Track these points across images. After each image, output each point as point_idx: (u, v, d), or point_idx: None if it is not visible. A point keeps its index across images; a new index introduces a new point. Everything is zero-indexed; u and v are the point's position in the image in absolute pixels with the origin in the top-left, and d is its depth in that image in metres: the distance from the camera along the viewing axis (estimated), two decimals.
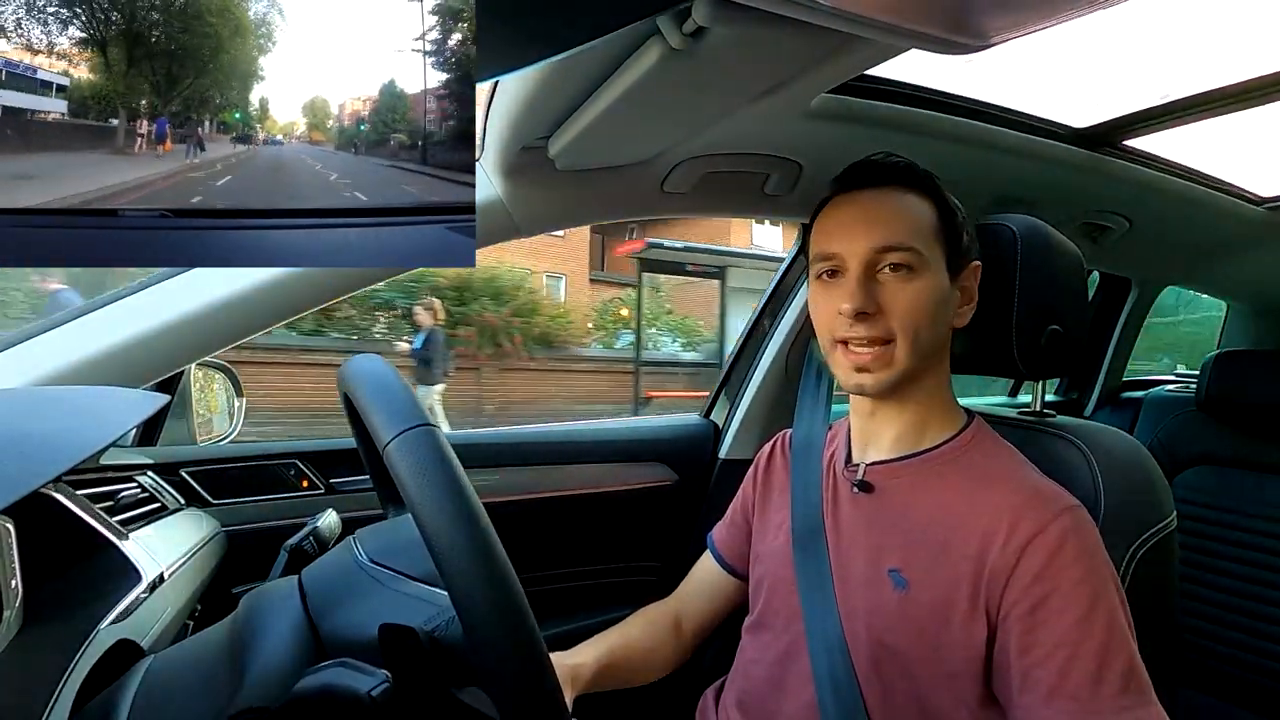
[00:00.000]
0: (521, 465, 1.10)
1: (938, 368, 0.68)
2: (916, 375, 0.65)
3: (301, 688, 0.42)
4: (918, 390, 0.67)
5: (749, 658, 0.75)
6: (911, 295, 0.62)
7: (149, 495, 0.80)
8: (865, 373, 0.64)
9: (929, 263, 0.63)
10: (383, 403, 0.43)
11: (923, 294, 0.62)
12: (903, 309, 0.62)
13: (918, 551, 0.62)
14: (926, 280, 0.62)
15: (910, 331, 0.62)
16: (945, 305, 0.65)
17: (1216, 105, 0.96)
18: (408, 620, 0.46)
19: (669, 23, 0.51)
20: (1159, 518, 0.66)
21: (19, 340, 0.67)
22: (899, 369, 0.63)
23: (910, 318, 0.62)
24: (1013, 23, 0.48)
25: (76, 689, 0.43)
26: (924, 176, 0.67)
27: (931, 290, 0.63)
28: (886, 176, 0.66)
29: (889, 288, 0.62)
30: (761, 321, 1.28)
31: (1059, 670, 0.52)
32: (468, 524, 0.38)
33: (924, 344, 0.63)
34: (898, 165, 0.67)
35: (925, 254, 0.62)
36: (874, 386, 0.64)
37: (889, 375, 0.63)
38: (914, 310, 0.62)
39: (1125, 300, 1.70)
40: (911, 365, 0.63)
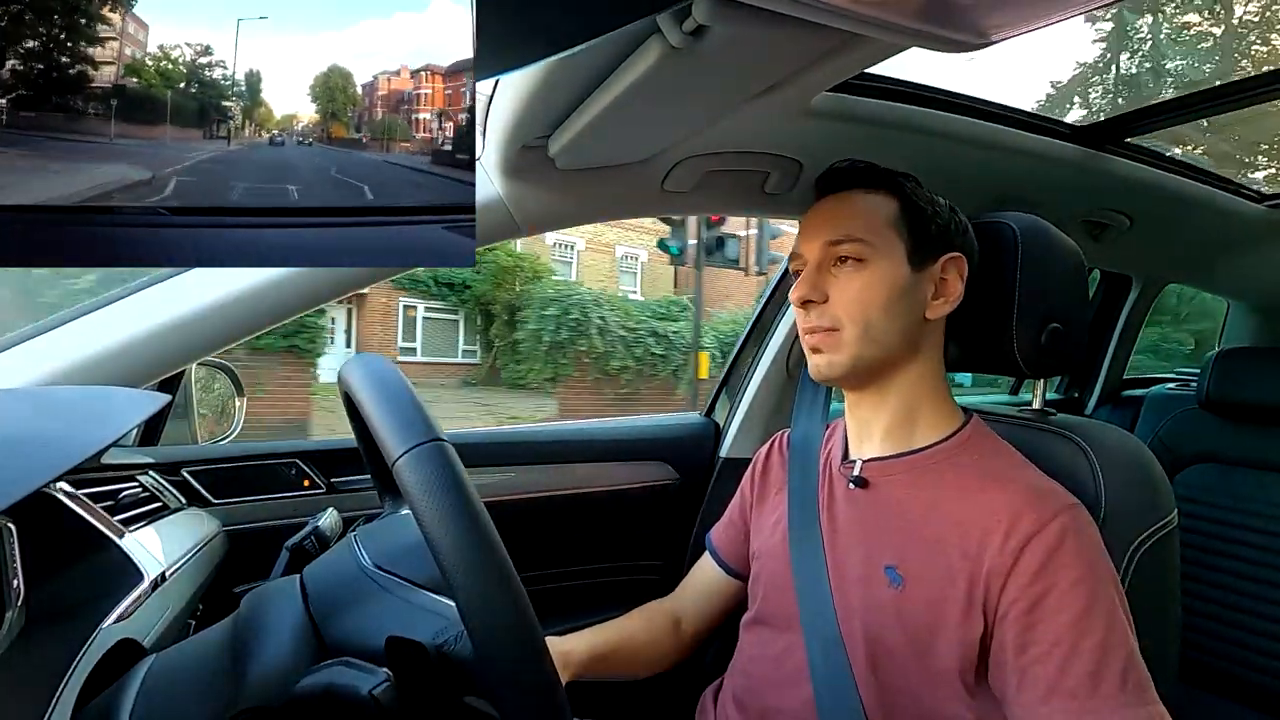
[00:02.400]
0: (522, 464, 1.11)
1: (916, 359, 0.68)
2: (886, 364, 0.67)
3: (303, 687, 0.42)
4: (897, 381, 0.68)
5: (747, 655, 0.75)
6: (859, 284, 0.65)
7: (150, 495, 0.80)
8: (818, 353, 0.67)
9: (881, 254, 0.65)
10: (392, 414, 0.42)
11: (873, 283, 0.65)
12: (849, 297, 0.65)
13: (913, 549, 0.62)
14: (876, 270, 0.65)
15: (858, 319, 0.65)
16: (904, 295, 0.65)
17: (1217, 101, 0.96)
18: (415, 633, 0.46)
19: (669, 21, 0.51)
20: (1160, 516, 0.66)
21: (20, 340, 0.67)
22: (849, 353, 0.65)
23: (857, 305, 0.65)
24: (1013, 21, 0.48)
25: (78, 688, 0.43)
26: (886, 176, 0.69)
27: (882, 279, 0.65)
28: (847, 181, 0.69)
29: (838, 279, 0.66)
30: (762, 321, 1.28)
31: (1057, 668, 0.52)
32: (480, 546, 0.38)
33: (877, 331, 0.65)
34: (858, 169, 0.69)
35: (877, 245, 0.65)
36: (827, 369, 0.67)
37: (840, 358, 0.66)
38: (861, 298, 0.65)
39: (1126, 298, 1.70)
40: (865, 351, 0.65)
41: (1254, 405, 1.33)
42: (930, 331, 0.68)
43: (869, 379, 0.68)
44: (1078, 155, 1.01)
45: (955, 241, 0.68)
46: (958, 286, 0.68)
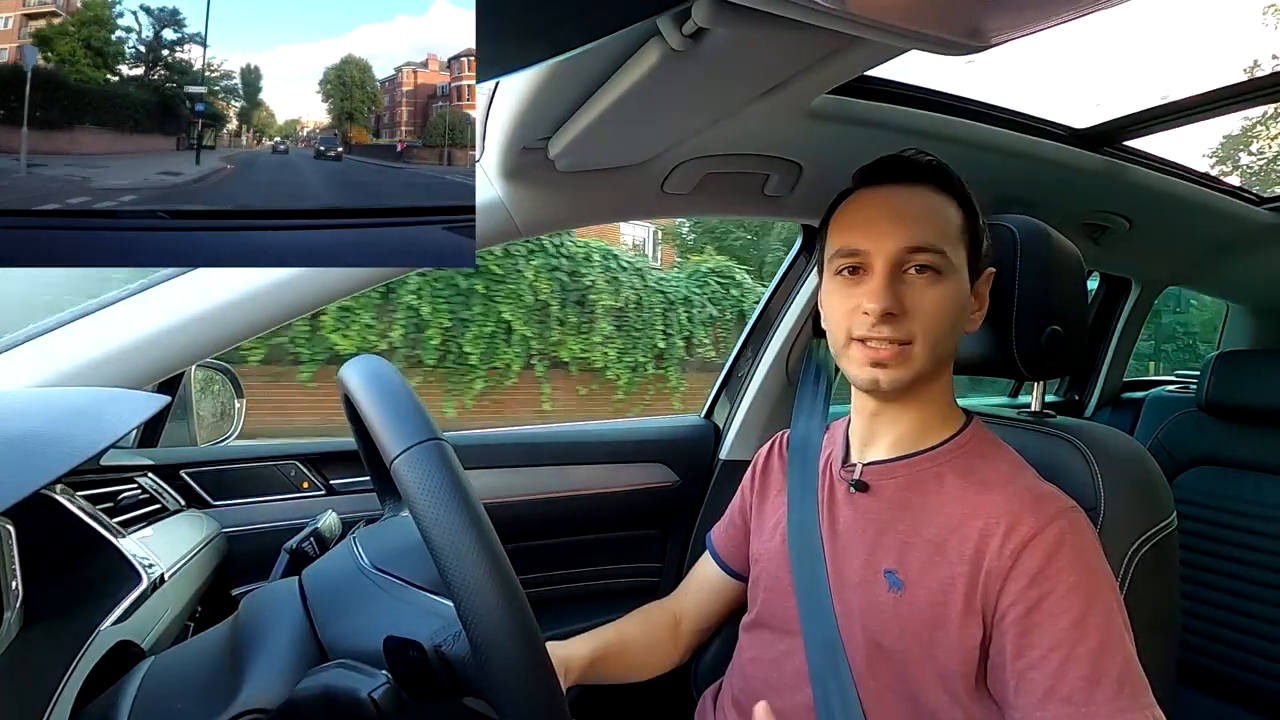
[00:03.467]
0: (522, 465, 1.10)
1: (945, 371, 0.68)
2: (928, 378, 0.65)
3: (302, 689, 0.42)
4: (925, 392, 0.66)
5: (746, 657, 0.75)
6: (936, 298, 0.61)
7: (149, 496, 0.80)
8: (881, 368, 0.62)
9: (954, 266, 0.62)
10: (390, 414, 0.42)
11: (946, 298, 0.61)
12: (927, 312, 0.61)
13: (913, 552, 0.62)
14: (951, 284, 0.62)
15: (931, 335, 0.61)
16: (964, 310, 0.64)
17: (1215, 107, 0.96)
18: (413, 632, 0.46)
19: (669, 24, 0.51)
20: (1159, 518, 0.66)
21: (20, 341, 0.67)
22: (915, 370, 0.62)
23: (933, 321, 0.61)
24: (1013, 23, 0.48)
25: (77, 690, 0.43)
26: (954, 178, 0.66)
27: (955, 295, 0.62)
28: (918, 174, 0.65)
29: (914, 289, 0.61)
30: (761, 322, 1.28)
31: (1054, 673, 0.52)
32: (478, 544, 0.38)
33: (941, 348, 0.63)
34: (930, 164, 0.65)
35: (951, 257, 0.62)
36: (889, 384, 0.62)
37: (905, 374, 0.62)
38: (937, 314, 0.61)
39: (1125, 300, 1.70)
40: (927, 367, 0.62)
41: (1253, 408, 1.33)
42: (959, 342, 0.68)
43: (908, 390, 0.64)
44: (1077, 158, 1.01)
45: (991, 254, 0.68)
46: (987, 300, 0.68)
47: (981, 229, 0.66)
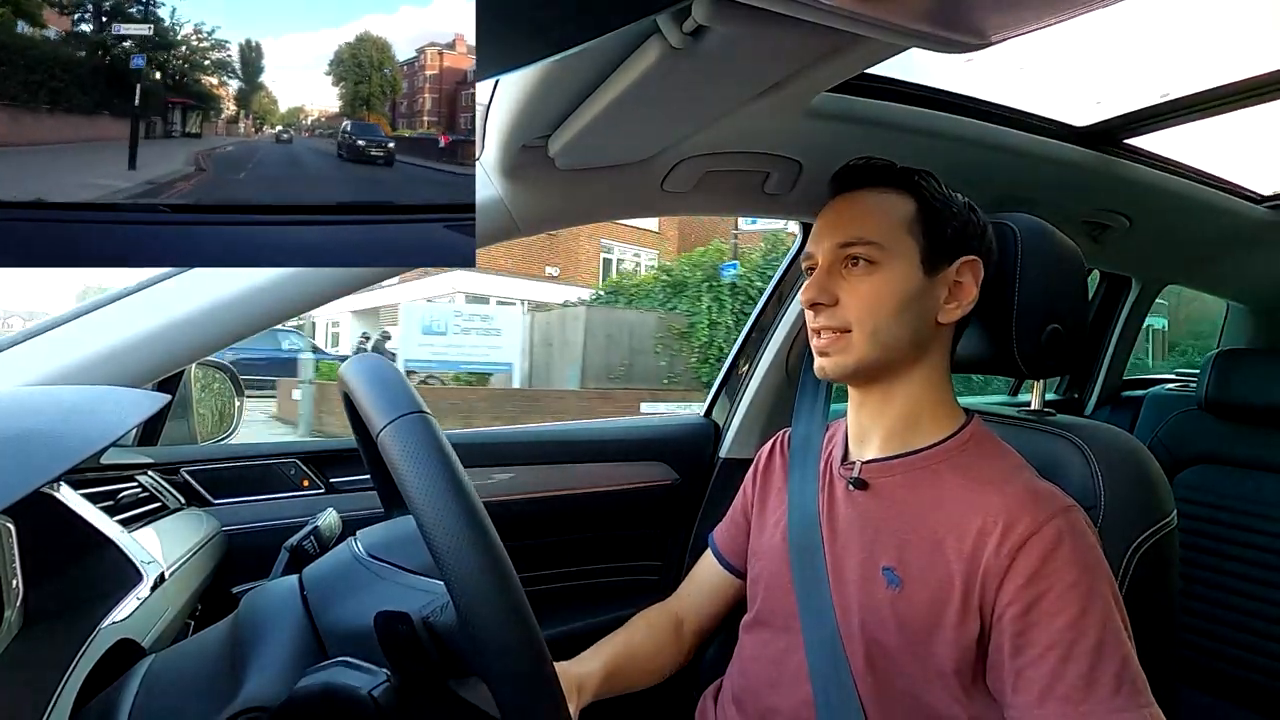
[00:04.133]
0: (522, 464, 1.10)
1: (923, 362, 0.67)
2: (892, 366, 0.66)
3: (302, 687, 0.42)
4: (903, 383, 0.67)
5: (747, 654, 0.75)
6: (869, 287, 0.64)
7: (149, 495, 0.80)
8: (824, 356, 0.67)
9: (894, 256, 0.64)
10: (377, 392, 0.43)
11: (883, 287, 0.64)
12: (859, 300, 0.65)
13: (911, 550, 0.62)
14: (888, 273, 0.64)
15: (867, 322, 0.64)
16: (916, 299, 0.65)
17: (1216, 105, 0.96)
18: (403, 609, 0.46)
19: (669, 21, 0.51)
20: (1159, 516, 0.66)
21: (19, 340, 0.67)
22: (856, 355, 0.65)
23: (867, 308, 0.64)
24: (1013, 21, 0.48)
25: (77, 688, 0.43)
26: (903, 175, 0.67)
27: (893, 283, 0.64)
28: (863, 179, 0.68)
29: (849, 281, 0.65)
30: (761, 321, 1.28)
31: (1052, 671, 0.53)
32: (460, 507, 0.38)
33: (885, 334, 0.64)
34: (874, 167, 0.68)
35: (889, 248, 0.64)
36: (833, 370, 0.67)
37: (846, 360, 0.66)
38: (871, 302, 0.64)
39: (1125, 299, 1.70)
40: (871, 354, 0.65)
41: (1253, 406, 1.33)
42: (940, 334, 0.68)
43: (875, 380, 0.68)
44: (1078, 156, 1.01)
45: (972, 244, 0.67)
46: (972, 290, 0.67)
47: (947, 217, 0.66)
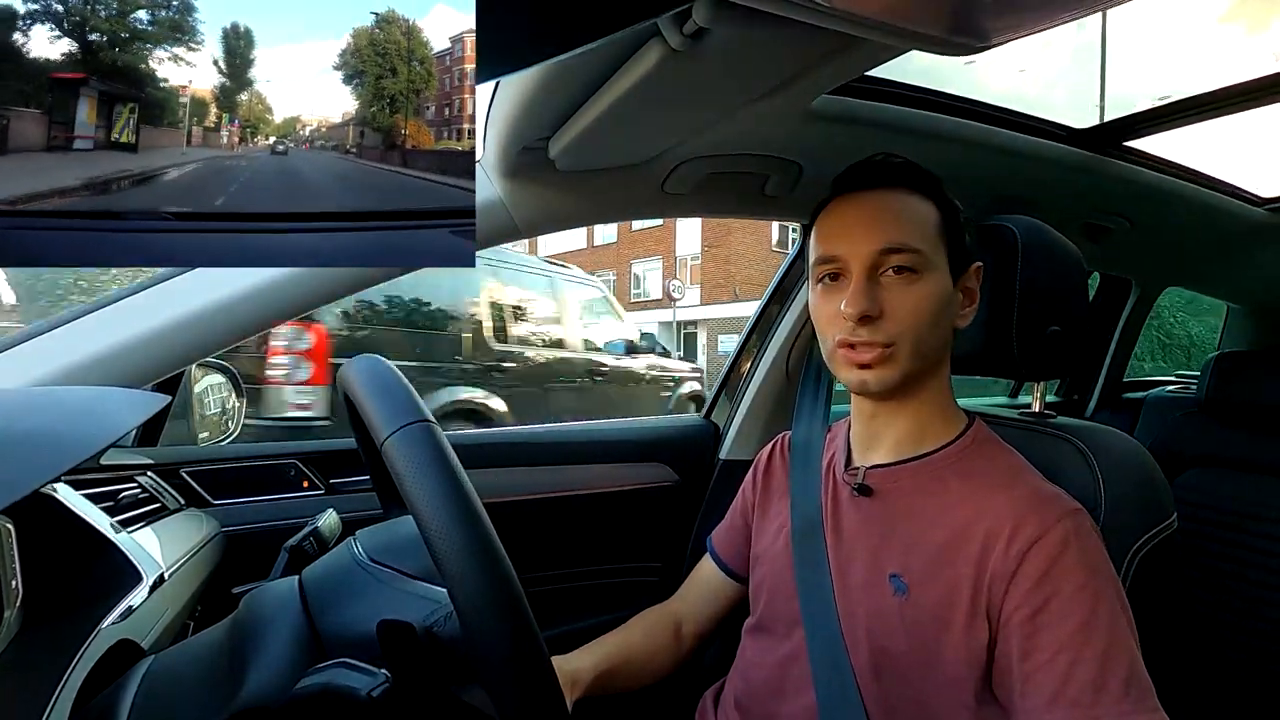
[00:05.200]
0: (522, 465, 1.10)
1: (939, 369, 0.67)
2: (919, 377, 0.65)
3: (302, 688, 0.42)
4: (920, 392, 0.66)
5: (749, 660, 0.75)
6: (915, 298, 0.61)
7: (149, 495, 0.80)
8: (867, 369, 0.63)
9: (932, 264, 0.62)
10: (381, 399, 0.43)
11: (926, 297, 0.61)
12: (906, 312, 0.61)
13: (918, 556, 0.62)
14: (930, 282, 0.62)
15: (913, 335, 0.61)
16: (948, 307, 0.64)
17: (1216, 107, 0.96)
18: (406, 617, 0.46)
19: (669, 24, 0.51)
20: (1160, 519, 0.66)
21: (20, 340, 0.67)
22: (901, 369, 0.62)
23: (914, 321, 0.61)
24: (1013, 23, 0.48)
25: (77, 689, 0.43)
26: (926, 177, 0.66)
27: (935, 293, 0.62)
28: (889, 177, 0.65)
29: (892, 291, 0.62)
30: (762, 322, 1.28)
31: (1060, 676, 0.52)
32: (465, 519, 0.38)
33: (926, 346, 0.63)
34: (900, 165, 0.66)
35: (929, 255, 0.62)
36: (876, 385, 0.63)
37: (891, 374, 0.62)
38: (917, 313, 0.61)
39: (1126, 301, 1.70)
40: (914, 367, 0.63)
41: (1253, 408, 1.33)
42: (950, 340, 0.68)
43: (899, 390, 0.65)
44: (1078, 158, 1.01)
45: (973, 248, 0.68)
46: (977, 294, 0.67)
47: (964, 223, 0.66)
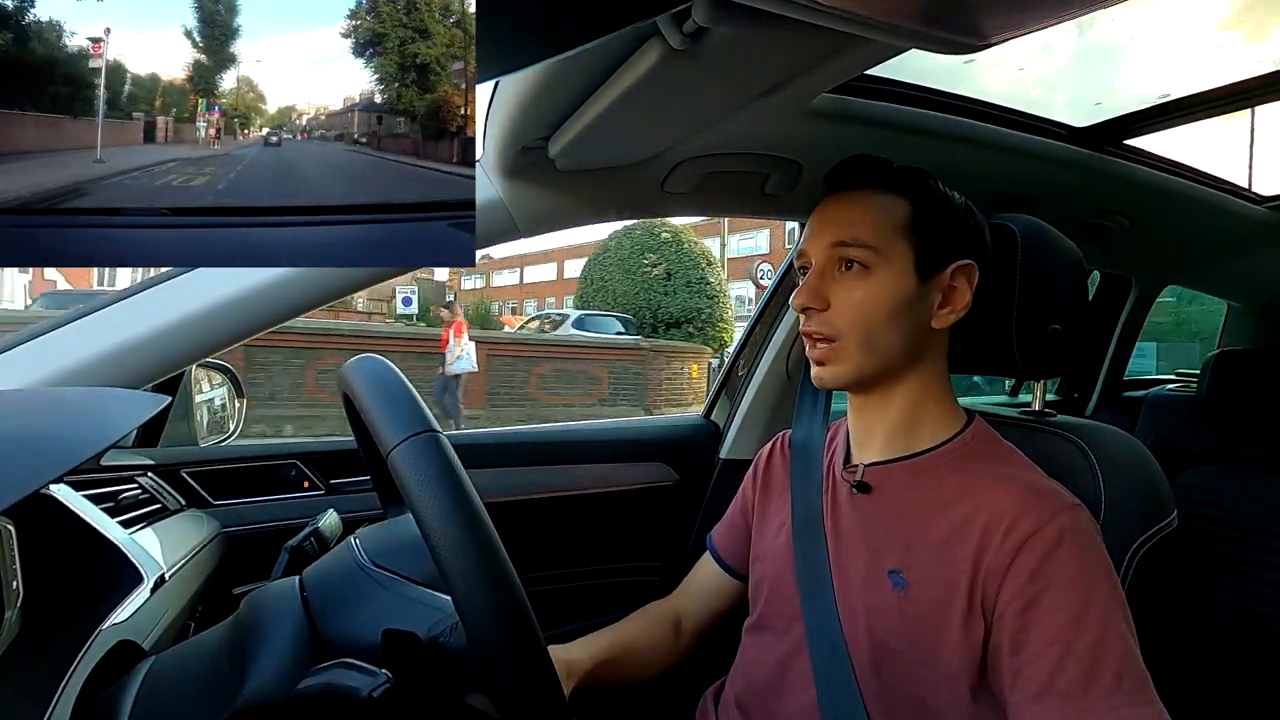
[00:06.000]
0: (522, 465, 1.10)
1: (920, 365, 0.67)
2: (888, 372, 0.65)
3: (302, 688, 0.42)
4: (901, 387, 0.67)
5: (750, 658, 0.75)
6: (862, 294, 0.63)
7: (150, 496, 0.80)
8: (820, 366, 0.66)
9: (888, 261, 0.63)
10: (386, 407, 0.43)
11: (876, 292, 0.63)
12: (851, 307, 0.63)
13: (916, 552, 0.62)
14: (882, 278, 0.63)
15: (858, 330, 0.63)
16: (909, 306, 0.63)
17: (1216, 105, 0.96)
18: (410, 625, 0.46)
19: (669, 23, 0.51)
20: (1160, 517, 0.66)
21: (21, 340, 0.67)
22: (853, 364, 0.64)
23: (858, 316, 0.63)
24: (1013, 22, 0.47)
25: (78, 689, 0.43)
26: (899, 175, 0.66)
27: (886, 289, 0.62)
28: (860, 178, 0.67)
29: (842, 285, 0.64)
30: (761, 322, 1.28)
31: (1050, 668, 0.52)
32: (473, 535, 0.38)
33: (878, 343, 0.63)
34: (871, 165, 0.66)
35: (883, 251, 0.63)
36: (829, 380, 0.66)
37: (842, 369, 0.65)
38: (863, 309, 0.63)
39: (1126, 299, 1.70)
40: (868, 362, 0.64)
41: (1254, 406, 1.33)
42: (935, 338, 0.67)
43: (872, 386, 0.67)
44: (1077, 156, 1.01)
45: (967, 247, 0.66)
46: (966, 295, 0.65)
47: (943, 220, 0.65)
